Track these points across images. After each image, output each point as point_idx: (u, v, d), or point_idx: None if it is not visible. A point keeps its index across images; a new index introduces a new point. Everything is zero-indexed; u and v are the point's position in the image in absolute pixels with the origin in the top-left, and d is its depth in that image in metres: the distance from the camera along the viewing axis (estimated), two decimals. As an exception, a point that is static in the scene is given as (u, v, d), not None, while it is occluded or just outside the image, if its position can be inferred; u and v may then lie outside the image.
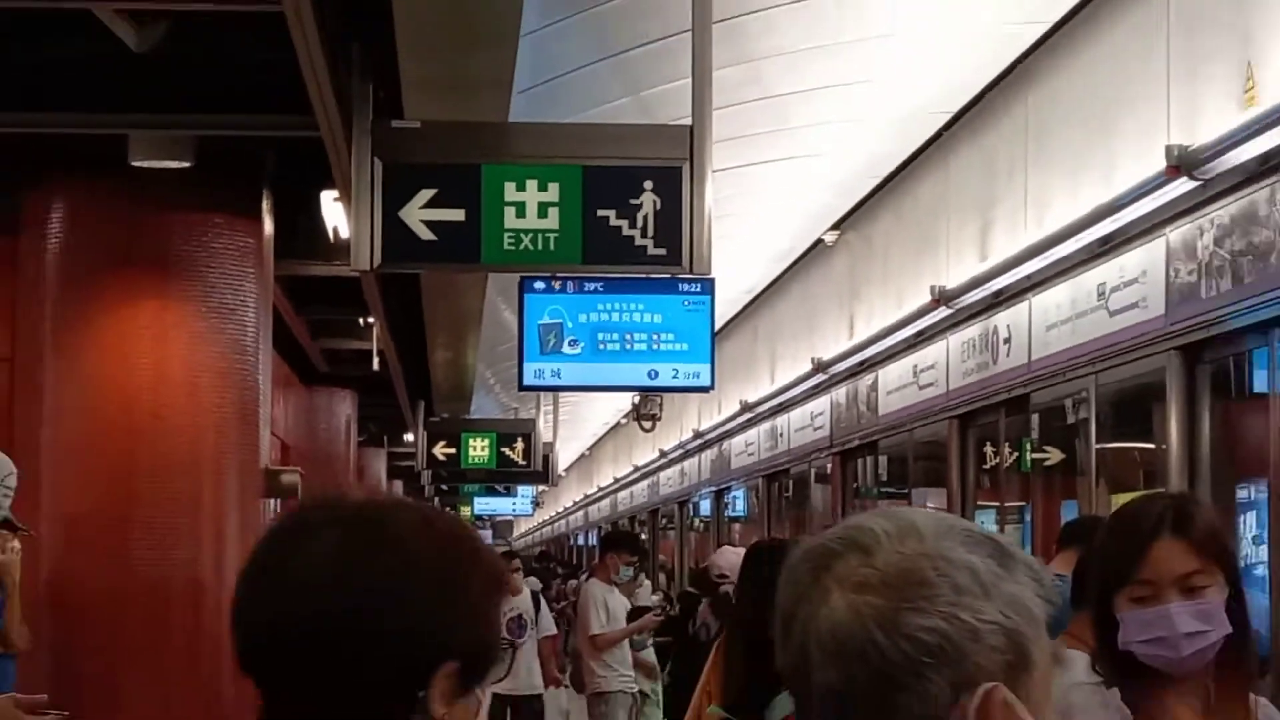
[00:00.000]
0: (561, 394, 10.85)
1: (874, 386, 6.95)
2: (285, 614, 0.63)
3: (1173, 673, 1.57)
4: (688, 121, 3.98)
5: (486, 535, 23.24)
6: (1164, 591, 1.54)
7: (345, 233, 4.71)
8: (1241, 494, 4.00)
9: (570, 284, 5.17)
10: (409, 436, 12.94)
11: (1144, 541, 1.57)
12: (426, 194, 3.82)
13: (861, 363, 7.13)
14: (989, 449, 5.67)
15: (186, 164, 4.45)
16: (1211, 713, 1.61)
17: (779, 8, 5.18)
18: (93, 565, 4.55)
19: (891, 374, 6.73)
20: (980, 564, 0.49)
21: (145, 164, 4.43)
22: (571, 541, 25.62)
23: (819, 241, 7.94)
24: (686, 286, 5.15)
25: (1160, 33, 4.22)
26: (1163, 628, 1.54)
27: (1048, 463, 5.08)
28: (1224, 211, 3.91)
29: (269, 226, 4.95)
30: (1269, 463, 3.83)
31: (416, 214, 3.86)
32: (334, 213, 5.01)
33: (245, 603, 0.64)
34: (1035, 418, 5.18)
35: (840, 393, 7.55)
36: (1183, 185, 3.90)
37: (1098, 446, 4.65)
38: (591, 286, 5.21)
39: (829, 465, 7.95)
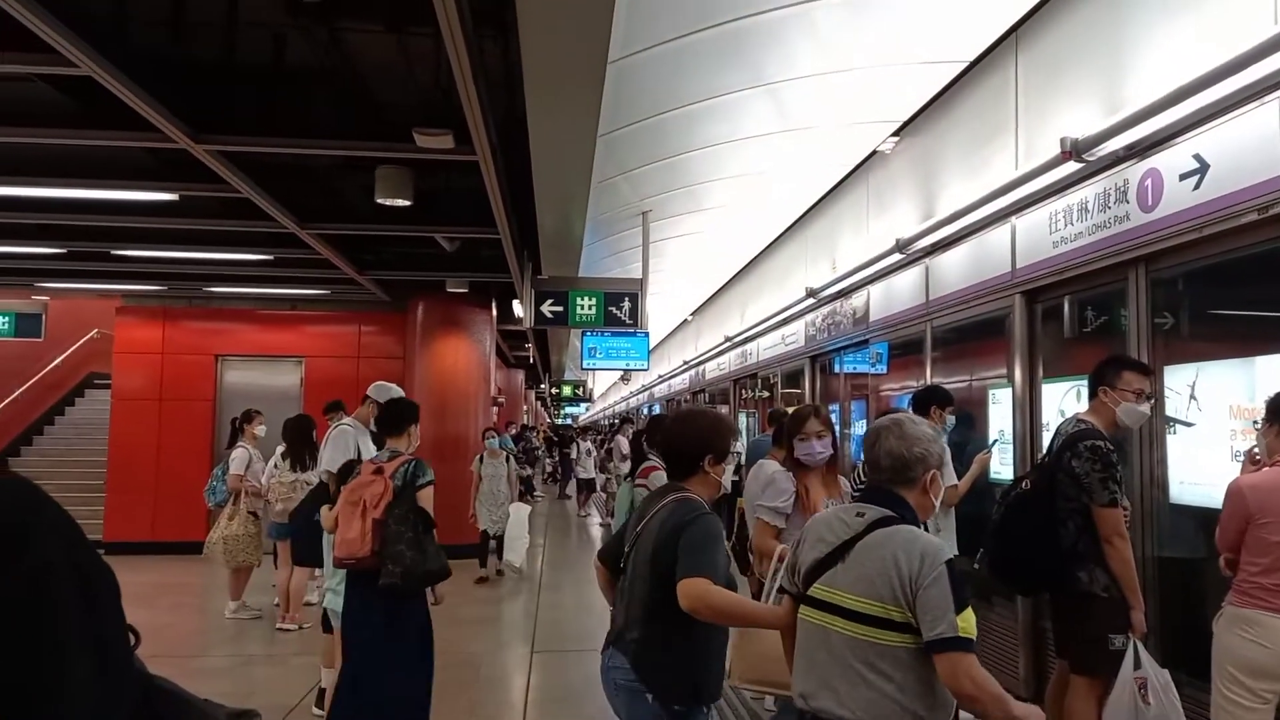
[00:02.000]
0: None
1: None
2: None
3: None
4: (639, 274, 10.39)
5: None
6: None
7: (520, 314, 11.33)
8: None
9: (599, 332, 11.71)
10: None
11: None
12: (549, 300, 10.46)
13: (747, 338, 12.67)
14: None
15: (465, 290, 11.27)
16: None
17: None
18: (437, 455, 11.00)
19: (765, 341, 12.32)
20: (931, 431, 2.23)
21: (453, 290, 11.29)
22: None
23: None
24: (639, 334, 11.49)
25: (1039, 66, 5.38)
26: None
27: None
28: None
29: (494, 312, 11.86)
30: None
31: (546, 308, 10.45)
32: (518, 307, 11.12)
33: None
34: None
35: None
36: (1071, 166, 4.93)
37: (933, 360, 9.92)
38: (609, 333, 11.73)
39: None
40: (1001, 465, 5.98)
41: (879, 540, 2.16)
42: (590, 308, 9.50)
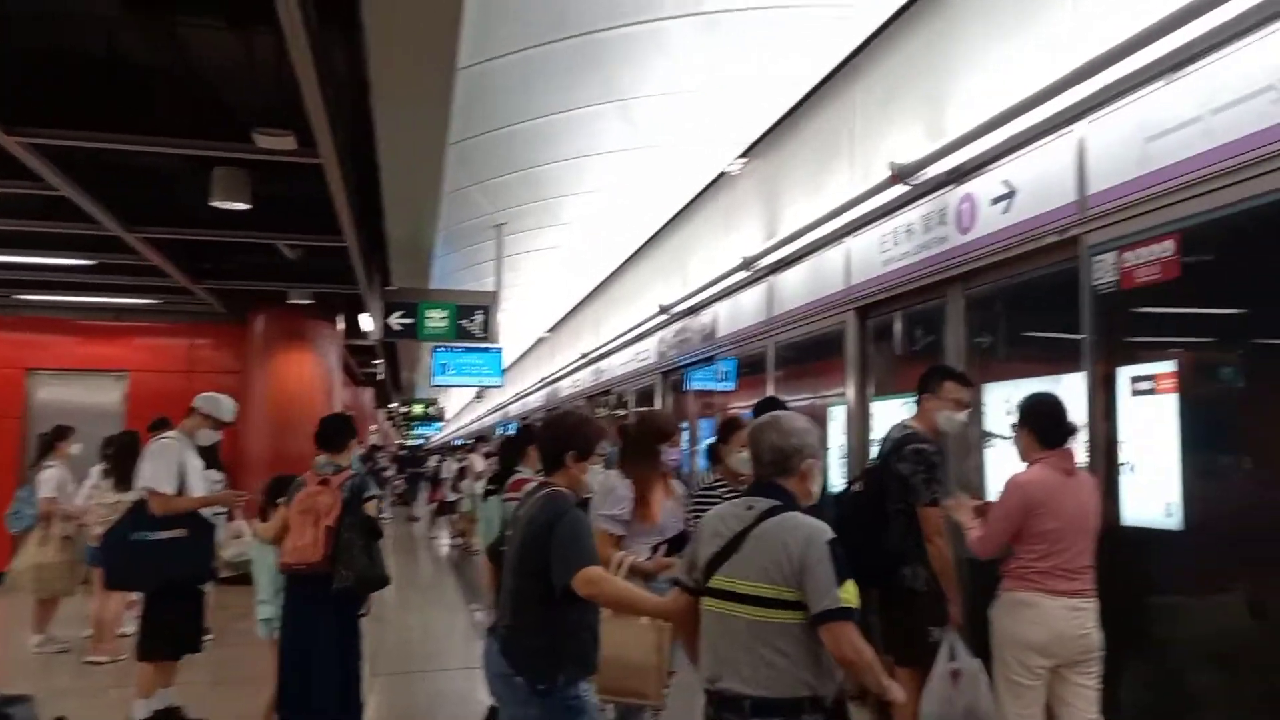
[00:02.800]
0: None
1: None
2: None
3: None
4: (493, 287, 10.33)
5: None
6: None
7: (368, 327, 11.02)
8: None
9: (452, 348, 11.51)
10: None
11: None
12: (398, 312, 10.20)
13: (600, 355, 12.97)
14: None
15: (310, 302, 10.82)
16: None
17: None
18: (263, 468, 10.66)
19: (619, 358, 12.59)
20: (806, 424, 2.54)
21: (296, 301, 10.80)
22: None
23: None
24: (493, 349, 11.43)
25: (874, 93, 5.71)
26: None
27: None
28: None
29: (341, 325, 11.44)
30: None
31: (394, 320, 10.19)
32: (365, 321, 10.90)
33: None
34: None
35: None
36: (899, 189, 5.26)
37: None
38: (461, 349, 11.58)
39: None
40: (838, 480, 6.25)
41: (769, 529, 2.39)
42: (441, 321, 9.34)
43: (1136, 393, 3.79)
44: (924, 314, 5.55)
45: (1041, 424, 3.60)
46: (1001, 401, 4.76)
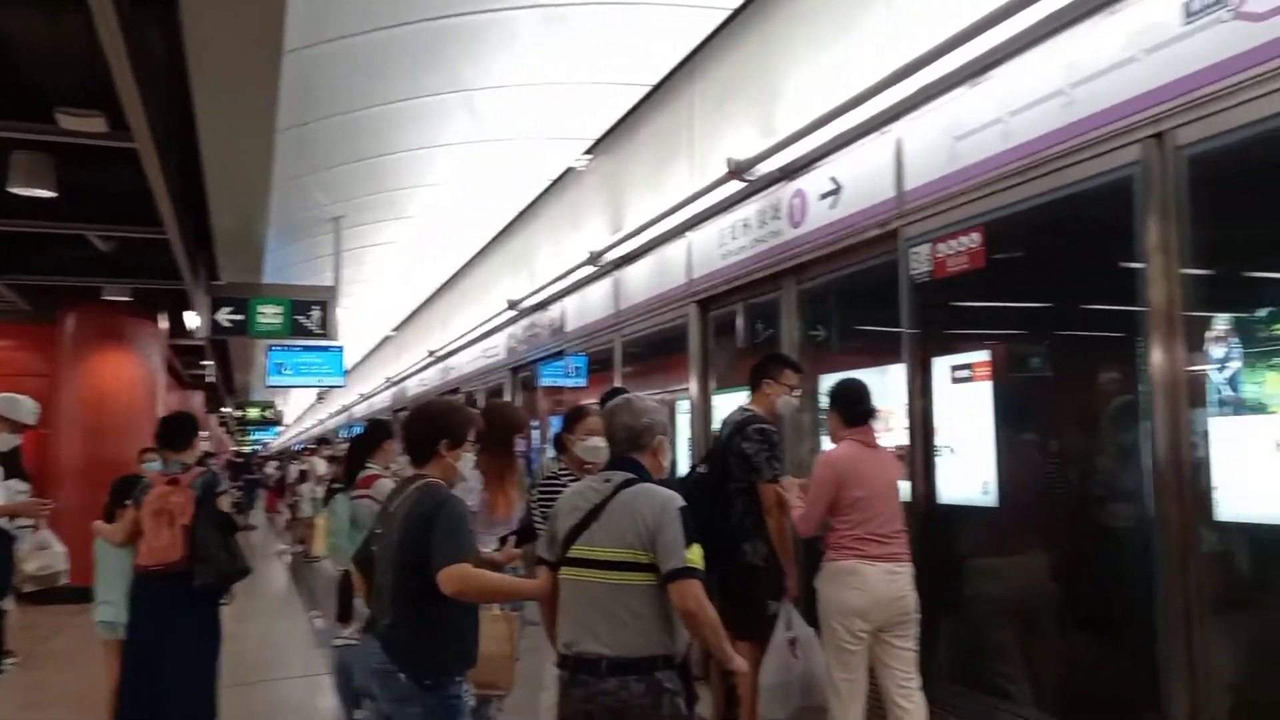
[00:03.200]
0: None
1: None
2: None
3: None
4: (332, 282, 9.97)
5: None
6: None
7: (193, 324, 10.28)
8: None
9: (288, 347, 11.03)
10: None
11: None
12: (226, 308, 9.65)
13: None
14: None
15: (128, 299, 10.07)
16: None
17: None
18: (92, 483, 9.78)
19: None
20: (655, 404, 2.82)
21: (112, 298, 10.04)
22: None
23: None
24: (333, 348, 11.08)
25: (711, 92, 5.94)
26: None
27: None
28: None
29: (165, 324, 10.72)
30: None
31: (223, 316, 9.64)
32: (190, 318, 10.22)
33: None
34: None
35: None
36: (736, 184, 5.45)
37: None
38: (299, 347, 11.12)
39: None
40: (683, 466, 6.39)
41: (626, 499, 2.56)
42: (275, 317, 8.90)
43: (955, 380, 4.07)
44: (761, 308, 5.75)
45: (844, 405, 3.87)
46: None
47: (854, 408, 3.84)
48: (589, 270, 8.04)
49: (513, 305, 10.26)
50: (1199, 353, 2.94)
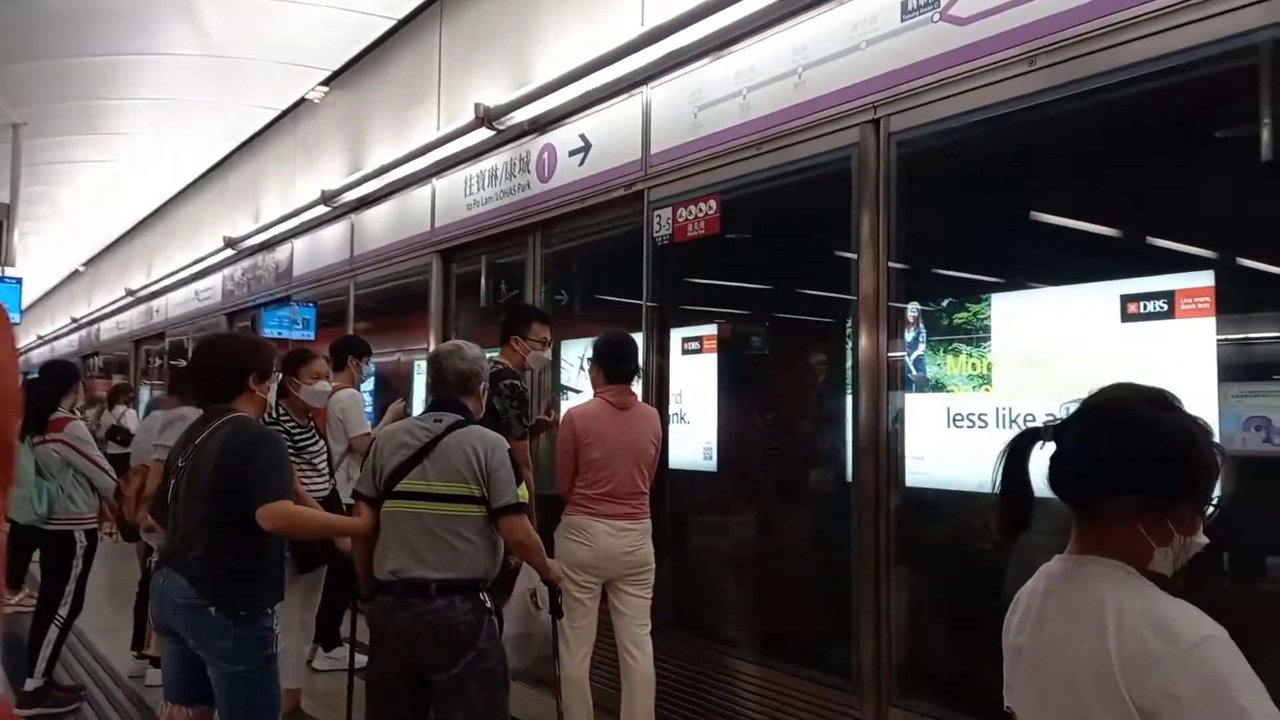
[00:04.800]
0: None
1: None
2: None
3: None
4: (7, 199, 8.60)
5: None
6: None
7: None
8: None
9: None
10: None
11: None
12: None
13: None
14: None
15: None
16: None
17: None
18: None
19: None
20: (480, 351, 3.04)
21: None
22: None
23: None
24: (7, 280, 9.58)
25: (461, 38, 5.83)
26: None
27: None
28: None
29: None
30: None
31: None
32: None
33: None
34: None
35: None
36: (485, 133, 5.33)
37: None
38: None
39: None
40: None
41: (459, 438, 2.77)
42: (-71, 234, 7.54)
43: (685, 352, 4.25)
44: (507, 268, 5.67)
45: (604, 361, 3.86)
46: (575, 358, 5.06)
47: (612, 365, 3.81)
48: (322, 211, 7.53)
49: (231, 244, 9.40)
50: (897, 338, 3.27)
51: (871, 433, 3.29)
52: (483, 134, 5.45)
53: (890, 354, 3.28)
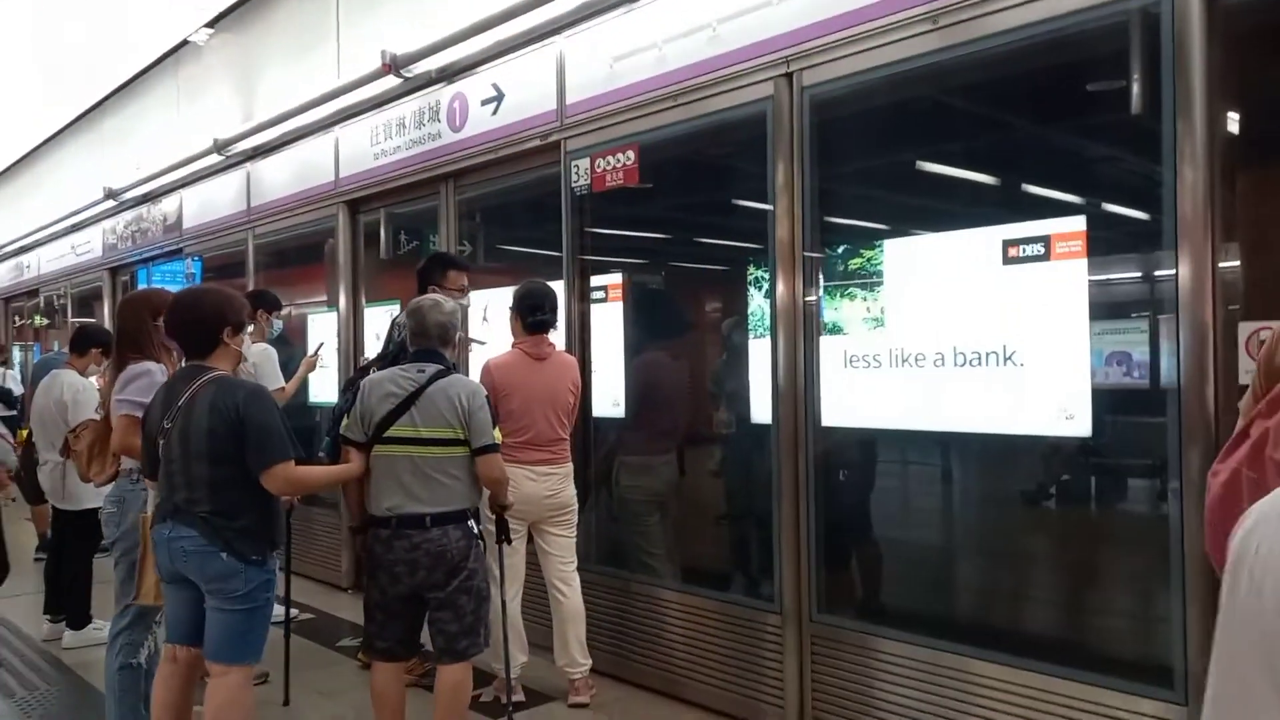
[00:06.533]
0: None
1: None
2: None
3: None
4: None
5: None
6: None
7: None
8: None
9: None
10: None
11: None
12: None
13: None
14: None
15: None
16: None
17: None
18: None
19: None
20: (455, 305, 3.31)
21: None
22: None
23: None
24: None
25: None
26: None
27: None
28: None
29: None
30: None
31: None
32: None
33: None
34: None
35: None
36: (391, 80, 5.31)
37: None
38: None
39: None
40: (321, 374, 6.05)
41: (442, 386, 3.05)
42: None
43: (594, 300, 4.36)
44: (419, 215, 5.63)
45: (521, 310, 3.92)
46: (479, 309, 5.08)
47: (527, 315, 3.88)
48: (215, 160, 7.24)
49: (112, 195, 8.92)
50: (811, 285, 3.46)
51: (790, 375, 3.50)
52: (389, 81, 5.36)
53: (806, 299, 3.48)
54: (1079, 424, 2.81)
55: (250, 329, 4.45)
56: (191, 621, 2.87)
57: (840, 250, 3.42)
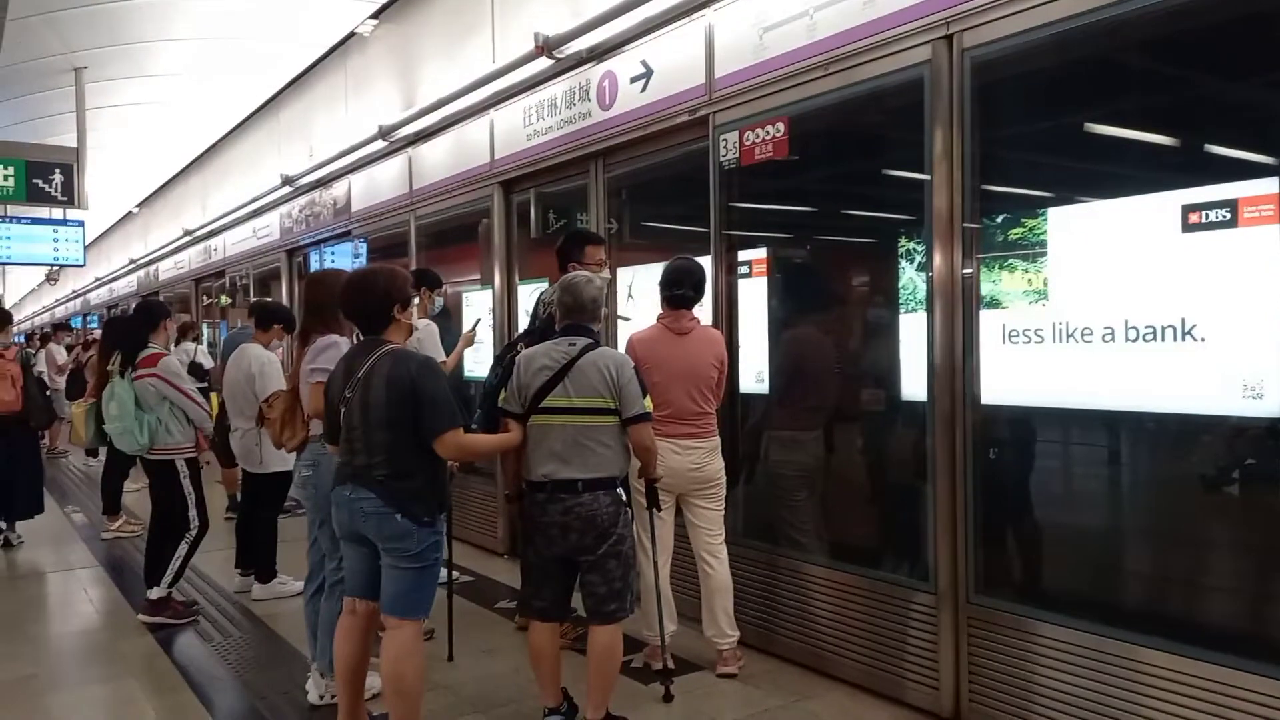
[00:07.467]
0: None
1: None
2: None
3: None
4: (74, 143, 8.81)
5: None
6: None
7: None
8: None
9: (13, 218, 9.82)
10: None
11: None
12: None
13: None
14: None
15: None
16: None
17: None
18: None
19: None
20: (603, 282, 3.51)
21: None
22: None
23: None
24: (71, 221, 9.98)
25: None
26: None
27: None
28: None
29: None
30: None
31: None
32: None
33: None
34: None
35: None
36: (544, 62, 5.45)
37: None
38: (27, 219, 9.91)
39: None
40: (480, 349, 6.31)
41: (592, 359, 3.19)
42: (5, 179, 7.79)
43: (742, 276, 4.35)
44: (565, 196, 5.75)
45: (662, 286, 3.98)
46: (624, 285, 5.17)
47: (667, 290, 3.94)
48: (379, 146, 7.65)
49: (288, 181, 9.58)
50: (970, 257, 3.33)
51: (947, 351, 3.40)
52: (542, 63, 5.50)
53: (964, 271, 3.36)
54: (1268, 403, 2.61)
55: (416, 303, 4.73)
56: (368, 575, 3.09)
57: (1000, 220, 3.28)
